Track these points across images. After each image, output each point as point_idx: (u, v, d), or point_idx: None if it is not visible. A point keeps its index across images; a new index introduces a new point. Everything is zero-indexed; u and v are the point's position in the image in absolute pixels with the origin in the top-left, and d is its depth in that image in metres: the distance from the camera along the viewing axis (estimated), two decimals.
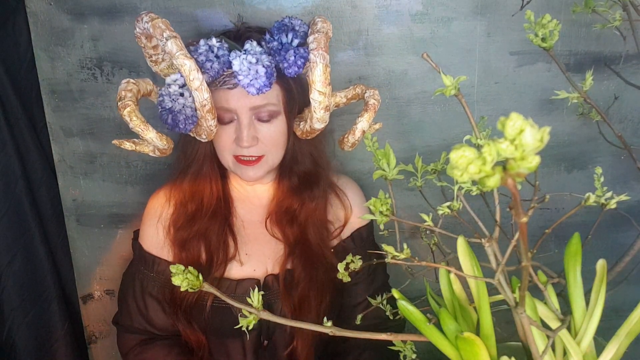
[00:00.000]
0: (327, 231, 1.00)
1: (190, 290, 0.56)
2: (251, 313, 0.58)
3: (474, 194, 0.59)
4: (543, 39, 0.60)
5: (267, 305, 0.97)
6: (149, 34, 0.81)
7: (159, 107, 0.81)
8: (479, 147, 0.36)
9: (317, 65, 0.79)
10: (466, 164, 0.28)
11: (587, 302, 0.60)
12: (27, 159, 1.07)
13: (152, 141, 0.80)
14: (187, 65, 0.76)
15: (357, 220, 1.02)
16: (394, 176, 0.59)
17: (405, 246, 0.58)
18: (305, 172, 0.98)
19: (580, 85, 0.67)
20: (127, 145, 0.82)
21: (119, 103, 0.78)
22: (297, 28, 0.86)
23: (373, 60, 1.06)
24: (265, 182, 0.99)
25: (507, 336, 0.64)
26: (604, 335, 0.61)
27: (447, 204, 0.60)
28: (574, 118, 1.09)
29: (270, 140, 0.90)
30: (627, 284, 0.73)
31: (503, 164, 0.29)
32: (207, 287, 0.57)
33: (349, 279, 0.70)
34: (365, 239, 1.03)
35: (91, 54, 1.06)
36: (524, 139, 0.28)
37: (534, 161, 0.28)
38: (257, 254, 0.99)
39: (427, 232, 0.77)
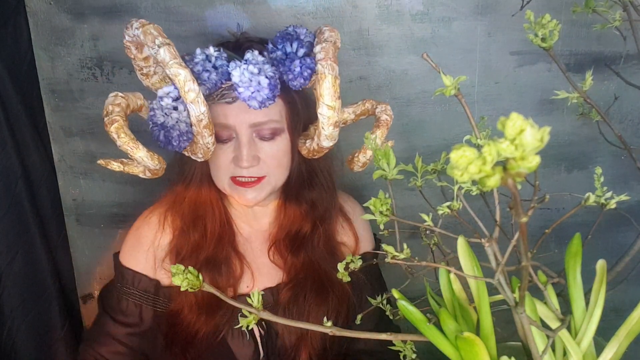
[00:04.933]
0: (338, 256, 0.93)
1: (190, 290, 0.56)
2: (251, 313, 0.58)
3: (474, 194, 0.59)
4: (543, 39, 0.60)
5: (271, 332, 0.92)
6: (140, 43, 0.74)
7: (150, 122, 0.74)
8: (479, 147, 0.36)
9: (325, 77, 0.72)
10: (466, 164, 0.28)
11: (587, 302, 0.60)
12: (27, 159, 1.07)
13: (143, 161, 0.72)
14: (182, 75, 0.69)
15: (364, 245, 0.98)
16: (394, 176, 0.59)
17: (405, 246, 0.58)
18: (315, 195, 0.90)
19: (580, 85, 0.68)
20: (115, 165, 0.74)
21: (105, 118, 0.70)
22: (302, 37, 0.79)
23: (373, 60, 1.06)
24: (264, 205, 0.92)
25: (507, 336, 0.64)
26: (603, 335, 0.61)
27: (447, 204, 0.60)
28: (574, 118, 1.09)
29: (272, 160, 0.83)
30: (627, 284, 0.73)
31: (503, 164, 0.29)
32: (207, 287, 0.57)
33: (349, 279, 0.69)
34: (372, 267, 0.95)
35: (91, 53, 1.06)
36: (524, 138, 0.28)
37: (534, 161, 0.28)
38: (268, 270, 0.95)
39: (427, 232, 0.77)
